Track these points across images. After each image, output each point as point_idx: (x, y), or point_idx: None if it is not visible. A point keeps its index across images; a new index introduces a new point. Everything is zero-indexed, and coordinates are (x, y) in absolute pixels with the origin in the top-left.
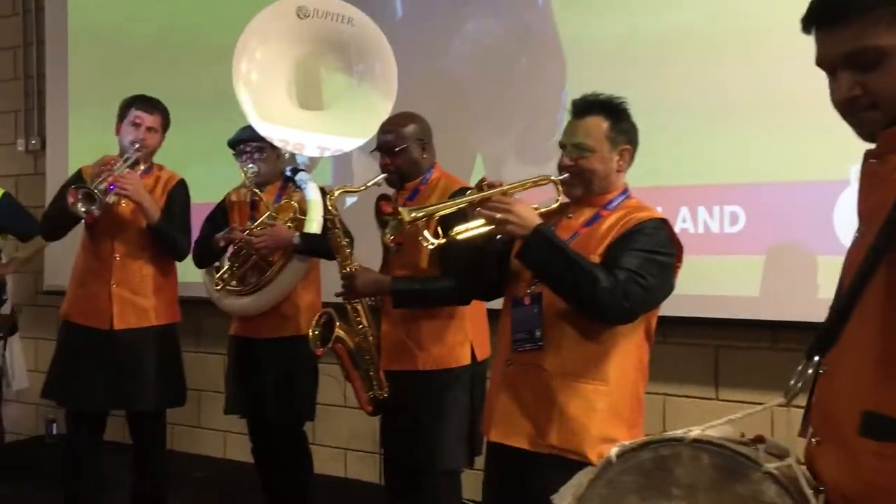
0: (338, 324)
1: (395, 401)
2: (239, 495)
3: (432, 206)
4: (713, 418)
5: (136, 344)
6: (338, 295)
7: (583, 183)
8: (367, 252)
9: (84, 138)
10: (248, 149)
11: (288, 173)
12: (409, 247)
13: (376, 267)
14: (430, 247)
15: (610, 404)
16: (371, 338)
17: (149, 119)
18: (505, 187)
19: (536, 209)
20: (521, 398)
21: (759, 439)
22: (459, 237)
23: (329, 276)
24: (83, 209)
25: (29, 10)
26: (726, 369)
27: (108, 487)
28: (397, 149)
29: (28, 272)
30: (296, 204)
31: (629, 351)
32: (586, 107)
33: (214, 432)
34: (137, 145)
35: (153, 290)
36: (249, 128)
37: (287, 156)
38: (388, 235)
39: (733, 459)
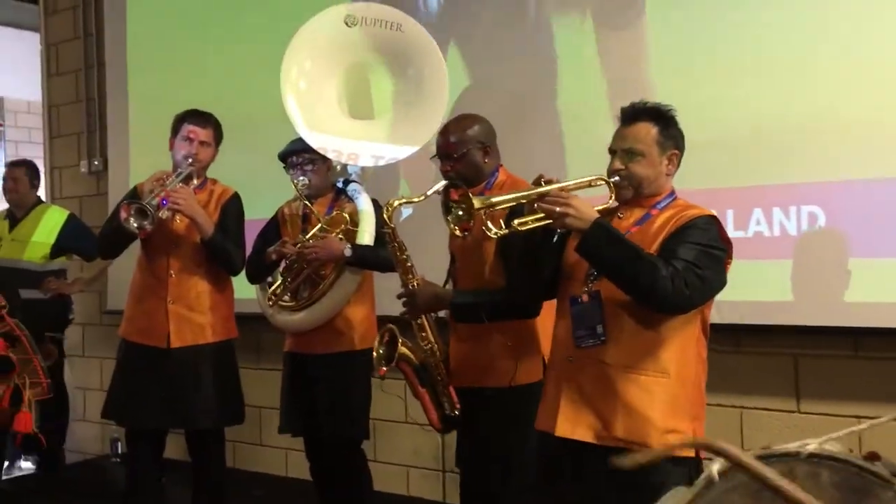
0: (401, 341)
1: (467, 419)
2: None
3: (499, 196)
4: (794, 432)
5: (193, 361)
6: (402, 314)
7: (633, 186)
8: (429, 266)
9: (145, 159)
10: (298, 161)
11: (339, 185)
12: (473, 258)
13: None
14: (494, 236)
15: (671, 396)
16: (438, 353)
17: (202, 133)
18: (563, 183)
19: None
20: (585, 392)
21: (873, 456)
22: (521, 229)
23: (383, 290)
24: (136, 225)
25: (90, 33)
26: (807, 380)
27: None
28: (457, 154)
29: (92, 292)
30: (347, 215)
31: (688, 343)
32: (635, 113)
33: (275, 450)
34: (191, 160)
35: (209, 306)
36: (300, 140)
37: (338, 167)
38: (452, 224)
39: (859, 477)
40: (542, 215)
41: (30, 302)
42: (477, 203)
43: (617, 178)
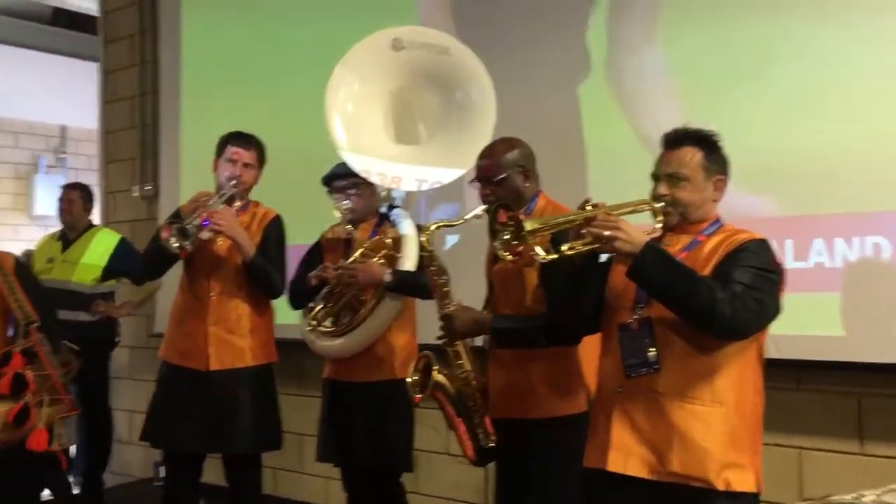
0: (435, 368)
1: (506, 450)
2: None
3: (550, 219)
4: (857, 475)
5: (232, 385)
6: (438, 339)
7: (679, 212)
8: (468, 292)
9: (195, 184)
10: (342, 185)
11: (383, 210)
12: (514, 286)
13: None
14: (542, 261)
15: (730, 427)
16: (474, 382)
17: (245, 155)
18: (610, 206)
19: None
20: (637, 424)
21: None
22: (569, 253)
23: (426, 317)
24: (176, 245)
25: (146, 61)
26: (871, 420)
27: None
28: (497, 178)
29: (141, 315)
30: (389, 241)
31: (744, 372)
32: (679, 138)
33: (316, 478)
34: (234, 181)
35: (249, 329)
36: (344, 164)
37: (383, 193)
38: (500, 249)
39: None
40: (589, 240)
41: (78, 324)
42: (528, 226)
43: (662, 203)
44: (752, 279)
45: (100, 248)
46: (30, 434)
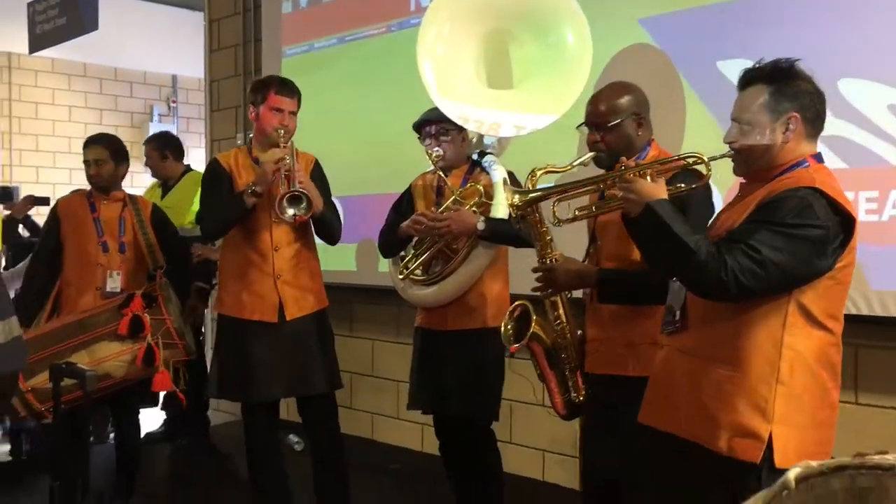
0: (534, 318)
1: (597, 406)
2: (433, 490)
3: (557, 187)
4: (852, 423)
5: (302, 331)
6: (535, 290)
7: (744, 161)
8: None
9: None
10: (433, 131)
11: (475, 157)
12: (620, 238)
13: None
14: (557, 226)
15: (745, 394)
16: (569, 335)
17: (290, 103)
18: (643, 165)
19: (681, 188)
20: (670, 382)
21: None
22: (580, 216)
23: (517, 266)
24: (292, 213)
25: (248, 8)
26: (866, 371)
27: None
28: (610, 124)
29: None
30: (481, 188)
31: (773, 337)
32: (749, 77)
33: (412, 424)
34: (283, 131)
35: (310, 277)
36: (435, 109)
37: (474, 140)
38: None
39: None
40: (618, 200)
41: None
42: (517, 199)
43: (730, 151)
44: (756, 234)
45: (195, 190)
46: (154, 375)
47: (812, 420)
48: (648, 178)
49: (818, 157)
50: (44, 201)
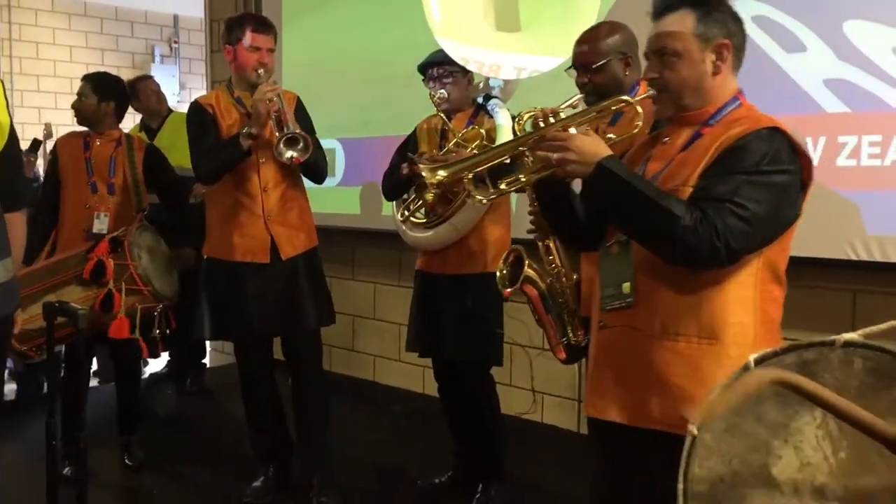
0: (527, 262)
1: None
2: (434, 431)
3: (465, 160)
4: None
5: (292, 270)
6: (529, 232)
7: (671, 98)
8: None
9: (294, 70)
10: (437, 73)
11: (480, 100)
12: None
13: None
14: (482, 204)
15: (724, 366)
16: (565, 279)
17: (266, 40)
18: (564, 119)
19: (612, 140)
20: (617, 365)
21: None
22: (511, 189)
23: (520, 212)
24: (289, 155)
25: None
26: (863, 316)
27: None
28: (595, 64)
29: None
30: (483, 131)
31: (745, 297)
32: (668, 2)
33: (414, 367)
34: (261, 70)
35: (298, 216)
36: (440, 51)
37: (480, 84)
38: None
39: (893, 363)
40: (539, 166)
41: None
42: (433, 177)
43: (652, 91)
44: (737, 189)
45: (181, 130)
46: (111, 322)
47: None
48: (573, 130)
49: (741, 93)
50: (34, 146)
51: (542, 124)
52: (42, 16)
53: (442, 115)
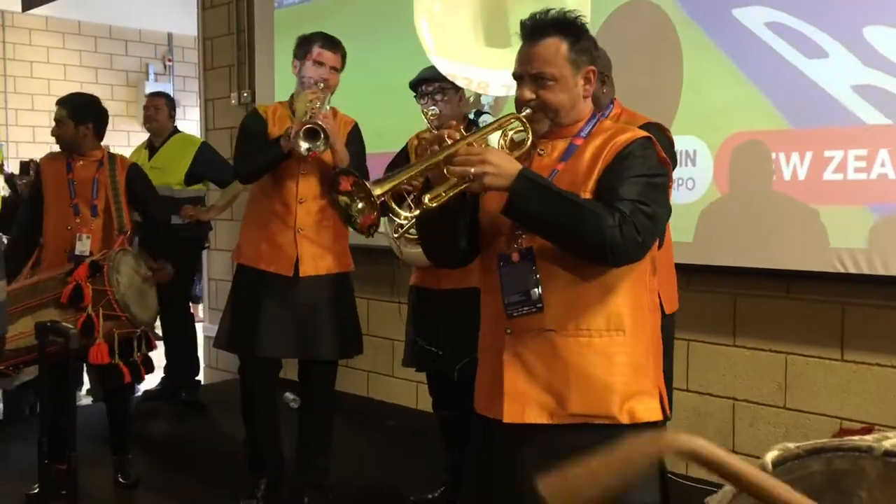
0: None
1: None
2: (427, 446)
3: (398, 173)
4: (838, 380)
5: (317, 291)
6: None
7: (548, 117)
8: None
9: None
10: (429, 90)
11: (472, 116)
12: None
13: None
14: (406, 222)
15: (631, 355)
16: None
17: (333, 58)
18: (469, 137)
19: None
20: (531, 367)
21: None
22: (434, 205)
23: None
24: (306, 147)
25: None
26: (853, 329)
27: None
28: None
29: (236, 221)
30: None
31: (638, 291)
32: (539, 28)
33: (407, 382)
34: (322, 85)
35: (333, 236)
36: (432, 68)
37: (472, 99)
38: (358, 222)
39: None
40: (454, 181)
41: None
42: (377, 189)
43: (528, 110)
44: (641, 191)
45: (184, 152)
46: (90, 348)
47: (660, 362)
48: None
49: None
50: (25, 169)
51: (448, 141)
52: (36, 35)
53: (434, 131)
